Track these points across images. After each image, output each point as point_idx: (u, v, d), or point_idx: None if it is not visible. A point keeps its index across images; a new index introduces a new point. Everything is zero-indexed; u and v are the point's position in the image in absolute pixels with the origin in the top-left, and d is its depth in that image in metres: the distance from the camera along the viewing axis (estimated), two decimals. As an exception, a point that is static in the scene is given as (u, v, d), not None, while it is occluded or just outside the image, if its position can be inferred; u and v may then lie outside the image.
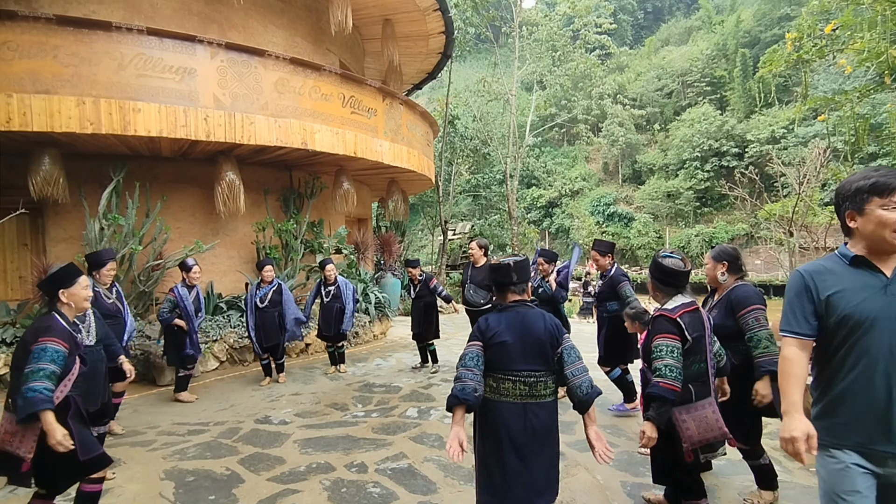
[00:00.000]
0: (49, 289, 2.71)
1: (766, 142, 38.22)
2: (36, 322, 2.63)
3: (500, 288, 2.48)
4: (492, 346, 2.32)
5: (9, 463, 2.49)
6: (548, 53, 18.38)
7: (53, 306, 2.70)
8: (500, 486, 2.28)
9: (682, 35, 60.28)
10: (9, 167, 6.31)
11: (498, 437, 2.29)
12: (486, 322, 2.39)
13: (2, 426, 2.51)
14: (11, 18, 5.43)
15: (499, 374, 2.32)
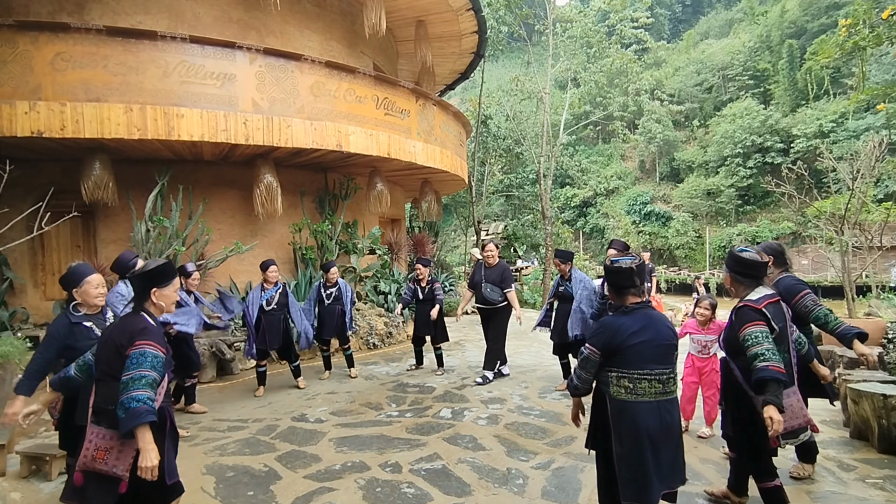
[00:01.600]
0: (142, 285, 2.37)
1: (813, 136, 36.52)
2: (123, 321, 2.33)
3: (621, 290, 2.54)
4: (628, 348, 2.40)
5: (104, 485, 2.17)
6: (582, 50, 18.08)
7: (141, 305, 2.38)
8: (643, 481, 2.36)
9: (722, 28, 58.36)
10: (62, 172, 6.65)
11: (637, 437, 2.38)
12: (617, 324, 2.44)
13: (91, 442, 2.20)
14: (65, 30, 5.72)
15: (635, 374, 2.40)
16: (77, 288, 2.91)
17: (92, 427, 2.23)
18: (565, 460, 3.83)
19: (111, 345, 2.26)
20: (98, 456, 2.16)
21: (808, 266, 36.75)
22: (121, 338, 2.24)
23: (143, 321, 2.29)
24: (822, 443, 4.11)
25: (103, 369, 2.28)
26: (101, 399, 2.26)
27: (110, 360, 2.25)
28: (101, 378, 2.30)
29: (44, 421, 4.85)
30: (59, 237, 7.06)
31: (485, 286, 6.00)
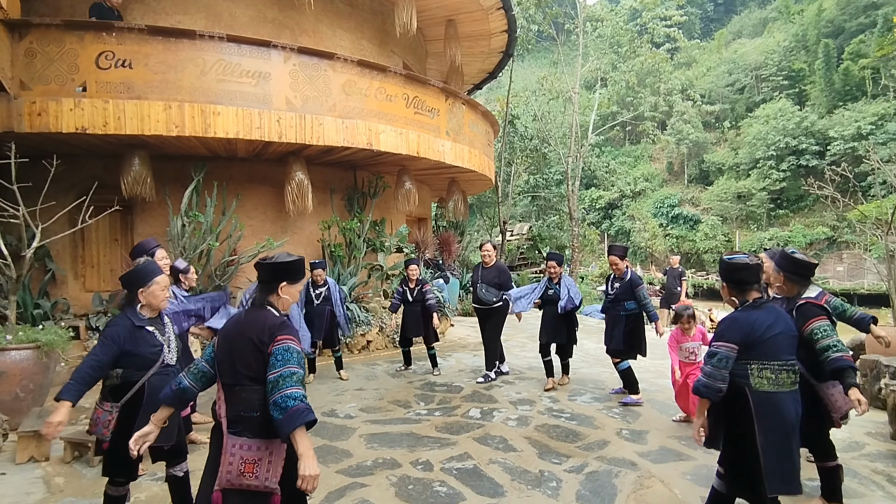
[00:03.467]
0: (272, 277, 2.18)
1: (851, 139, 35.26)
2: (252, 317, 2.12)
3: (744, 286, 2.62)
4: (768, 339, 2.48)
5: (251, 503, 1.98)
6: (611, 50, 17.84)
7: (266, 299, 2.17)
8: (789, 470, 2.44)
9: (756, 27, 56.86)
10: (103, 168, 6.83)
11: (783, 427, 2.46)
12: (751, 319, 2.52)
13: (233, 456, 1.96)
14: (109, 30, 5.87)
15: (775, 365, 2.49)
16: (144, 288, 2.63)
17: (232, 439, 1.98)
18: (599, 464, 3.76)
19: (246, 343, 2.04)
20: (246, 470, 1.93)
21: (843, 273, 35.51)
22: (260, 334, 2.03)
23: (275, 316, 2.13)
24: (870, 455, 3.96)
25: (241, 372, 2.03)
26: (240, 406, 2.01)
27: (249, 361, 2.02)
28: (236, 383, 2.04)
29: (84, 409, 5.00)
30: (99, 231, 7.26)
31: (480, 286, 6.09)
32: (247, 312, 2.16)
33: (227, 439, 1.98)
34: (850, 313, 3.46)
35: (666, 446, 4.12)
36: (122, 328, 2.56)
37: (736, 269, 2.63)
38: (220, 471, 1.96)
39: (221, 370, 2.09)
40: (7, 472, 3.53)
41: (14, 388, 4.21)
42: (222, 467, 1.96)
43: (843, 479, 3.07)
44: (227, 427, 2.00)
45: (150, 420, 2.26)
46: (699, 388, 2.54)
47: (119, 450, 2.46)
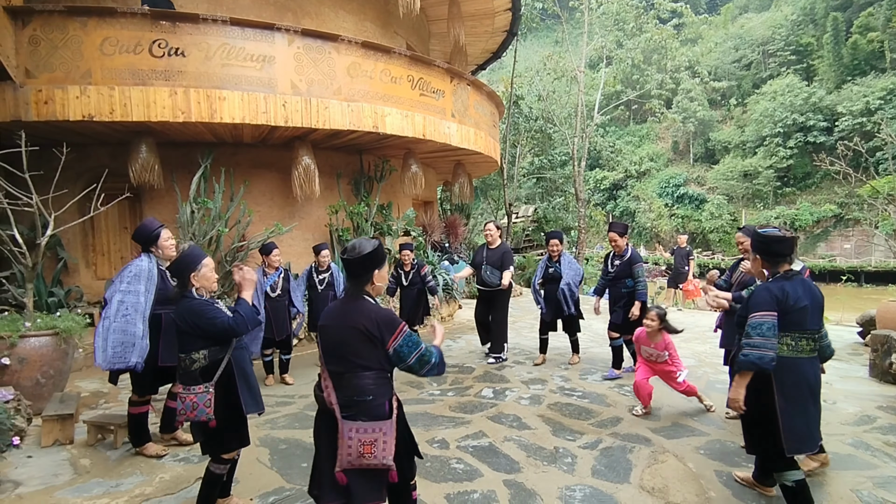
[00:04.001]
0: (365, 268, 2.23)
1: (859, 114, 34.77)
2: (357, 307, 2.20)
3: (777, 259, 2.72)
4: (796, 311, 2.62)
5: (372, 481, 2.12)
6: (616, 27, 17.54)
7: (362, 289, 2.26)
8: (804, 431, 2.60)
9: (763, 0, 55.69)
10: (110, 156, 6.84)
11: (801, 390, 2.63)
12: (784, 290, 2.64)
13: (350, 439, 2.07)
14: (112, 15, 5.83)
15: (796, 334, 2.65)
16: (196, 272, 2.74)
17: (347, 423, 2.09)
18: (612, 440, 3.81)
19: (354, 333, 2.14)
20: (365, 451, 2.06)
21: (850, 250, 35.33)
22: (369, 325, 2.13)
23: (376, 306, 2.23)
24: (882, 428, 3.99)
25: (351, 360, 2.14)
26: (352, 391, 2.13)
27: (358, 350, 2.14)
28: (346, 370, 2.14)
29: (103, 393, 5.10)
30: (108, 219, 7.29)
31: (485, 268, 6.09)
32: (344, 302, 2.26)
33: (342, 424, 2.09)
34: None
35: (678, 422, 4.16)
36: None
37: (773, 241, 2.72)
38: (339, 453, 2.08)
39: (327, 359, 2.20)
40: (34, 455, 3.61)
41: (35, 374, 4.28)
42: (341, 450, 2.08)
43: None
44: (340, 413, 2.12)
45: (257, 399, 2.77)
46: (753, 362, 2.55)
47: (228, 423, 2.67)
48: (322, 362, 2.23)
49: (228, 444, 2.73)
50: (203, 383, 2.61)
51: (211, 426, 2.60)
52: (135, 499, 3.06)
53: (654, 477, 3.25)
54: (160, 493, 3.14)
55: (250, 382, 2.79)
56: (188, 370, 2.62)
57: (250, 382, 2.79)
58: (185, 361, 2.63)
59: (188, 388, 2.60)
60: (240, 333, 2.67)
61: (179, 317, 2.64)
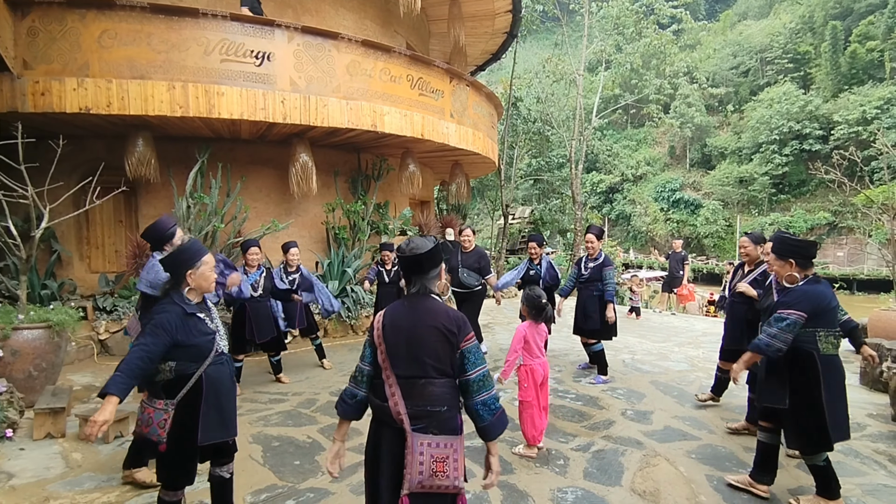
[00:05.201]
0: (431, 265, 2.05)
1: (855, 123, 35.03)
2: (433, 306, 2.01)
3: (809, 262, 2.96)
4: (830, 310, 2.87)
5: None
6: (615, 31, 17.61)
7: (430, 288, 2.06)
8: (844, 421, 2.86)
9: (762, 8, 56.10)
10: (106, 149, 6.81)
11: (842, 384, 2.87)
12: (821, 292, 2.86)
13: (422, 455, 1.83)
14: (111, 7, 5.79)
15: (834, 332, 2.90)
16: (192, 270, 2.38)
17: (418, 437, 1.84)
18: (605, 443, 3.83)
19: (432, 333, 1.93)
20: (438, 469, 1.81)
21: (843, 258, 35.60)
22: (447, 324, 1.94)
23: (445, 304, 2.05)
24: (872, 436, 4.03)
25: (428, 364, 1.91)
26: (425, 401, 1.88)
27: (437, 352, 1.92)
28: (420, 376, 1.91)
29: (95, 387, 5.07)
30: (103, 212, 7.25)
31: (461, 271, 6.18)
32: (412, 301, 2.02)
33: (411, 438, 1.83)
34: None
35: (670, 426, 4.18)
36: (174, 315, 2.30)
37: (807, 245, 2.98)
38: (407, 473, 1.81)
39: (395, 363, 1.93)
40: (26, 448, 3.60)
41: (27, 367, 4.26)
42: (410, 468, 1.81)
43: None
44: (409, 424, 1.85)
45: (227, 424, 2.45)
46: (761, 346, 2.84)
47: (177, 452, 2.31)
48: (387, 367, 1.94)
49: (168, 476, 2.39)
50: (164, 399, 2.29)
51: (160, 450, 2.29)
52: (126, 493, 3.06)
53: (646, 480, 3.27)
54: (151, 487, 3.13)
55: (222, 405, 2.42)
56: (152, 379, 2.33)
57: (222, 405, 2.42)
58: (154, 371, 2.31)
59: (150, 399, 2.32)
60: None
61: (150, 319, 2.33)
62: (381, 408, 1.93)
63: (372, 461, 1.98)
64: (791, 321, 2.78)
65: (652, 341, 7.79)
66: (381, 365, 1.96)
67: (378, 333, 1.99)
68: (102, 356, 6.24)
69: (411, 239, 2.08)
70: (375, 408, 1.97)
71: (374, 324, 2.03)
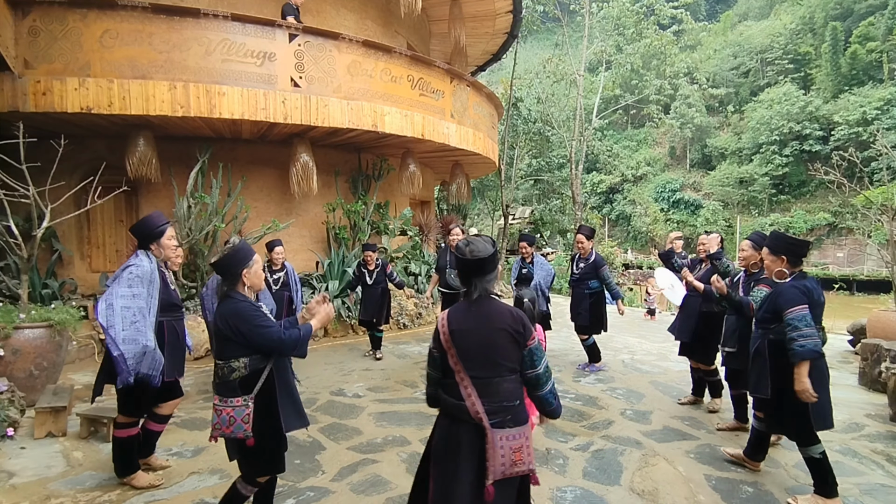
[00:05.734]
0: (493, 266, 2.15)
1: (856, 124, 35.02)
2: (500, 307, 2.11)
3: (801, 259, 3.11)
4: (819, 305, 3.00)
5: (513, 488, 2.04)
6: (616, 32, 17.62)
7: (491, 291, 2.15)
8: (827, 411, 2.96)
9: (762, 8, 56.08)
10: (107, 148, 6.83)
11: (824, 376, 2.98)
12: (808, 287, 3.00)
13: (502, 448, 1.96)
14: (113, 7, 5.81)
15: (819, 326, 2.98)
16: (247, 269, 2.43)
17: (496, 432, 1.97)
18: (604, 443, 3.84)
19: (503, 335, 2.04)
20: (517, 458, 1.98)
21: (843, 259, 35.60)
22: (514, 325, 2.05)
23: (509, 306, 2.15)
24: (870, 436, 4.04)
25: (502, 364, 2.03)
26: (501, 397, 2.01)
27: (508, 352, 2.04)
28: (494, 375, 2.02)
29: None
30: (104, 212, 7.27)
31: (449, 272, 6.21)
32: (479, 304, 2.09)
33: (491, 433, 1.96)
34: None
35: (669, 426, 4.20)
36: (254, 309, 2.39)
37: (801, 244, 3.12)
38: (490, 465, 1.95)
39: (469, 365, 2.02)
40: (27, 447, 3.61)
41: (28, 366, 4.27)
42: (493, 461, 1.95)
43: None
44: (488, 421, 1.98)
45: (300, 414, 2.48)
46: (813, 350, 2.83)
47: (269, 440, 2.37)
48: (460, 369, 2.03)
49: (264, 467, 2.45)
50: (242, 395, 2.33)
51: (248, 444, 2.32)
52: (126, 492, 3.07)
53: (645, 480, 3.28)
54: (152, 486, 3.14)
55: (294, 395, 2.52)
56: (226, 380, 2.34)
57: (294, 395, 2.52)
58: (224, 370, 2.35)
59: (225, 401, 2.32)
60: (286, 354, 2.40)
61: (222, 319, 2.34)
62: (457, 406, 2.02)
63: (445, 455, 2.05)
64: (805, 314, 2.87)
65: (651, 342, 7.81)
66: (454, 368, 2.05)
67: (446, 338, 2.07)
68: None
69: (470, 241, 2.13)
70: (450, 406, 2.05)
71: (439, 329, 2.10)
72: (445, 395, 2.07)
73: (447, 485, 2.02)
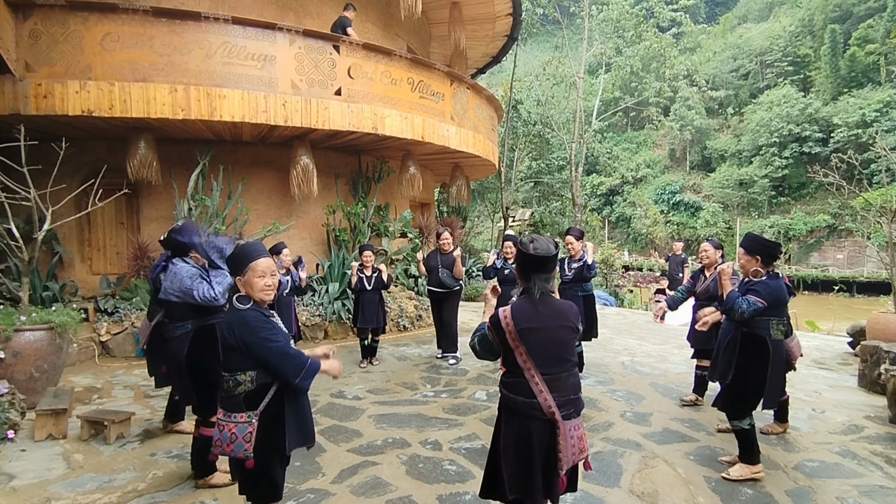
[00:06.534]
0: (552, 265, 2.22)
1: (855, 126, 35.08)
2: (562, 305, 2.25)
3: (774, 260, 3.36)
4: (784, 302, 3.39)
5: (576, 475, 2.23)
6: (615, 34, 17.67)
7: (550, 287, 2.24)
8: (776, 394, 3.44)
9: (762, 11, 56.22)
10: (108, 151, 6.84)
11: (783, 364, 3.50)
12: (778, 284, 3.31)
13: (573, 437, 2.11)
14: (114, 11, 5.84)
15: (784, 321, 3.44)
16: (241, 276, 2.30)
17: (567, 424, 2.09)
18: (604, 445, 3.84)
19: (570, 332, 2.19)
20: (582, 447, 2.14)
21: (843, 260, 35.60)
22: (576, 321, 2.22)
23: (567, 302, 2.29)
24: (869, 438, 4.04)
25: (568, 360, 2.18)
26: (569, 390, 2.15)
27: (571, 348, 2.20)
28: (563, 371, 2.15)
29: (96, 388, 5.10)
30: (105, 214, 7.28)
31: (441, 271, 6.29)
32: (543, 302, 2.17)
33: (563, 426, 2.07)
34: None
35: (669, 428, 4.20)
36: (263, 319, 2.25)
37: (774, 246, 3.38)
38: (563, 456, 2.05)
39: (539, 363, 2.11)
40: (27, 449, 3.62)
41: (29, 368, 4.28)
42: (565, 452, 2.05)
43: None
44: (560, 412, 2.08)
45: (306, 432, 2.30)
46: (732, 306, 3.27)
47: (267, 464, 2.21)
48: (530, 367, 2.10)
49: (262, 492, 2.28)
50: (246, 411, 2.17)
51: (248, 466, 2.16)
52: (127, 494, 3.07)
53: (644, 482, 3.28)
54: (153, 489, 3.15)
55: (304, 411, 2.33)
56: (231, 393, 2.19)
57: (304, 411, 2.33)
58: (229, 383, 2.19)
59: (228, 416, 2.18)
60: (288, 377, 2.19)
61: (228, 328, 2.19)
62: (528, 404, 2.11)
63: (517, 450, 2.12)
64: (756, 306, 3.23)
65: (651, 343, 7.81)
66: (523, 365, 2.12)
67: (513, 337, 2.12)
68: (103, 358, 6.26)
69: (535, 238, 2.20)
70: (520, 405, 2.12)
71: (503, 326, 2.14)
72: (513, 394, 2.15)
73: (523, 478, 2.10)
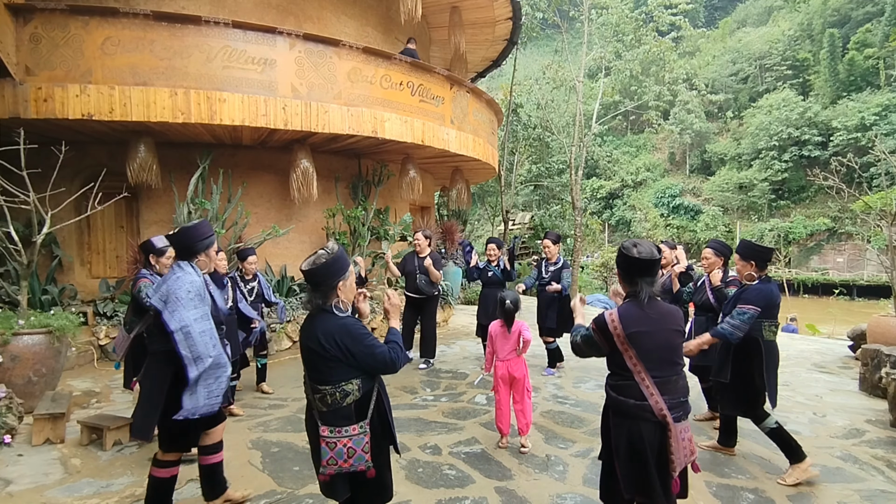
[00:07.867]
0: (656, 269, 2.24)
1: (854, 129, 35.14)
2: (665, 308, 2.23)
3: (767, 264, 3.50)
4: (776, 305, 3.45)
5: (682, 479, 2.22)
6: (615, 38, 17.73)
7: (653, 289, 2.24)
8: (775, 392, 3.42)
9: (761, 15, 56.41)
10: (108, 155, 6.84)
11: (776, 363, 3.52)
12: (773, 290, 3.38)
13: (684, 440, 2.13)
14: (114, 15, 5.85)
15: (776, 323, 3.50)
16: (344, 281, 2.16)
17: (678, 426, 2.10)
18: (604, 449, 3.82)
19: (678, 335, 2.25)
20: (692, 448, 2.15)
21: (843, 264, 35.58)
22: (680, 324, 2.27)
23: (672, 305, 2.35)
24: (870, 442, 4.03)
25: (677, 362, 2.22)
26: (679, 393, 2.18)
27: (678, 349, 2.24)
28: (673, 374, 2.19)
29: (95, 393, 5.08)
30: (104, 218, 7.28)
31: (419, 277, 6.24)
32: (650, 306, 2.17)
33: (674, 428, 2.08)
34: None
35: (670, 432, 4.18)
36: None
37: (767, 251, 3.50)
38: (675, 458, 2.06)
39: (650, 366, 2.13)
40: (24, 454, 3.60)
41: (27, 372, 4.27)
42: (677, 454, 2.06)
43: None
44: (671, 417, 2.09)
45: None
46: (728, 332, 3.25)
47: (382, 471, 2.16)
48: (641, 370, 2.11)
49: (378, 498, 2.21)
50: (358, 422, 2.07)
51: (369, 476, 2.08)
52: (125, 499, 3.06)
53: (645, 486, 3.26)
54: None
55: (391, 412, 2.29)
56: (338, 406, 2.05)
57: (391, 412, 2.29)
58: (335, 395, 2.05)
59: (338, 430, 2.04)
60: (396, 370, 2.13)
61: (327, 337, 2.04)
62: (639, 406, 2.11)
63: (631, 453, 2.12)
64: (750, 315, 3.25)
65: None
66: (633, 368, 2.14)
67: (622, 340, 2.14)
68: (102, 361, 6.25)
69: (638, 242, 2.20)
70: (631, 407, 2.13)
71: (611, 330, 2.16)
72: (622, 396, 2.16)
73: (638, 480, 2.12)
